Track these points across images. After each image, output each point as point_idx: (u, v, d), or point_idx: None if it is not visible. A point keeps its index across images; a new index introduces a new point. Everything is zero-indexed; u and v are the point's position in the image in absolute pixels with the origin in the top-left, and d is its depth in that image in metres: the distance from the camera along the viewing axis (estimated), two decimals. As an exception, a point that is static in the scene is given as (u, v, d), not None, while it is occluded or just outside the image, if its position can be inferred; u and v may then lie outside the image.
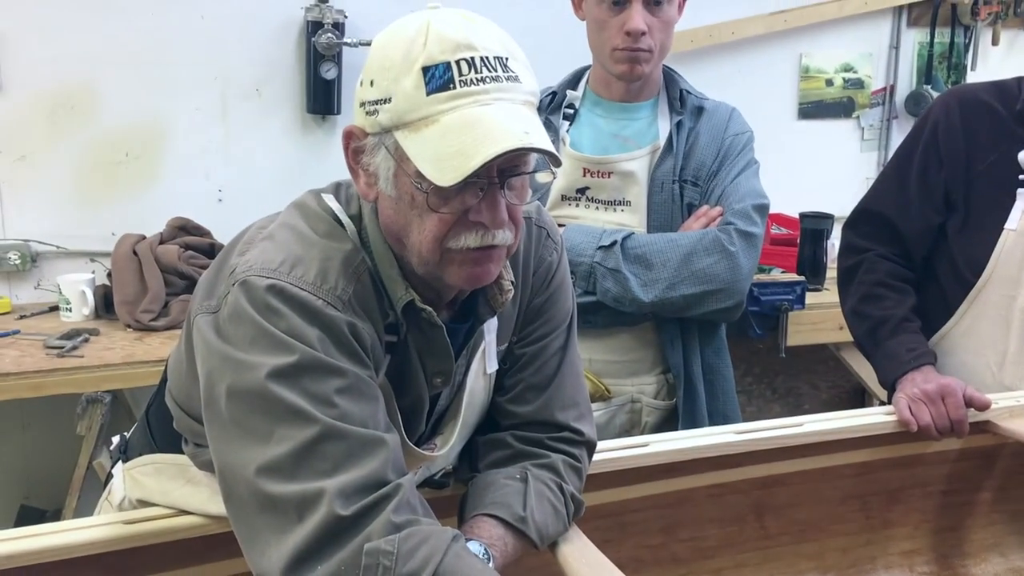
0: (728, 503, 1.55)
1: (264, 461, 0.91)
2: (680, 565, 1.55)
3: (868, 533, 1.63)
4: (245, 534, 0.95)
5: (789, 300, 2.78)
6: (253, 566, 0.94)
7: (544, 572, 1.37)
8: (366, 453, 0.95)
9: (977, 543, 1.67)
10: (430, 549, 0.92)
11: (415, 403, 1.16)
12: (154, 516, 1.18)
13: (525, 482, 1.20)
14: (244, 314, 0.97)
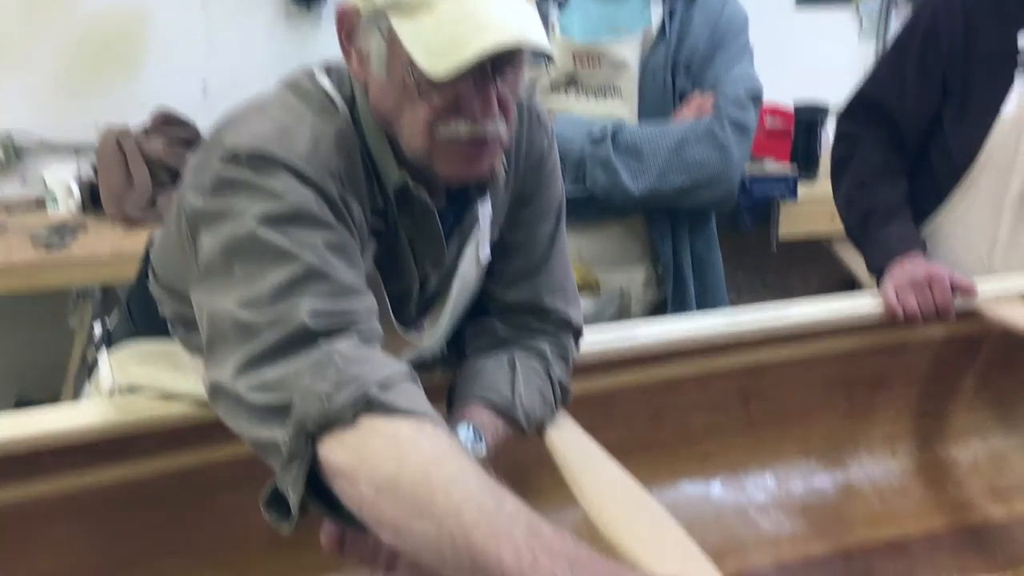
0: (714, 390, 1.57)
1: (245, 296, 0.91)
2: (666, 451, 1.58)
3: (851, 418, 1.66)
4: (213, 360, 0.94)
5: (782, 191, 2.77)
6: (207, 380, 0.93)
7: (532, 456, 1.39)
8: (346, 296, 0.94)
9: (958, 427, 1.70)
10: (385, 366, 0.89)
11: (404, 289, 1.15)
12: (145, 401, 1.19)
13: (513, 368, 1.21)
14: (235, 179, 0.95)
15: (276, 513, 0.88)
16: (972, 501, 1.64)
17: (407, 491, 0.77)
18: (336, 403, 0.84)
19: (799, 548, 1.55)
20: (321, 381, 0.86)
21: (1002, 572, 1.51)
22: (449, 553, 0.73)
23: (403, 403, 0.86)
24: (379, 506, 0.79)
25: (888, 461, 1.68)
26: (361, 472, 0.81)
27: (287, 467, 0.86)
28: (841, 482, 1.65)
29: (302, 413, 0.85)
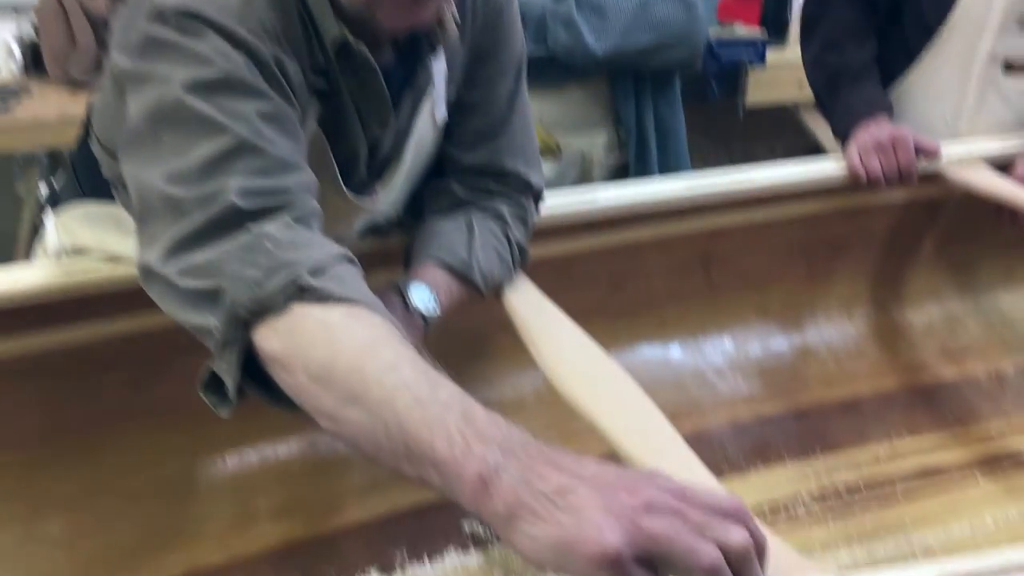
0: (675, 254, 1.57)
1: (174, 170, 0.87)
2: (626, 315, 1.58)
3: (810, 282, 1.67)
4: (143, 238, 0.90)
5: (750, 56, 2.71)
6: (139, 260, 0.89)
7: (491, 320, 1.39)
8: (279, 172, 0.89)
9: (915, 291, 1.72)
10: (318, 251, 0.85)
11: (352, 152, 1.11)
12: (93, 263, 1.16)
13: (471, 229, 1.19)
14: (162, 40, 0.90)
15: (214, 396, 0.86)
16: (925, 362, 1.68)
17: (341, 379, 0.75)
18: (266, 290, 0.81)
19: (754, 408, 1.58)
20: (251, 267, 0.82)
21: (950, 430, 1.55)
22: (384, 441, 0.71)
23: (336, 289, 0.82)
24: (315, 394, 0.77)
25: (844, 324, 1.70)
26: (296, 360, 0.78)
27: (221, 353, 0.83)
28: (798, 345, 1.67)
29: (232, 300, 0.81)
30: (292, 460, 1.36)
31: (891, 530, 1.35)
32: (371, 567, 1.28)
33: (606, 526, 0.60)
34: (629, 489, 0.63)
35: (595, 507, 0.61)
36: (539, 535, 0.62)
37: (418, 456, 0.68)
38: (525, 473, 0.64)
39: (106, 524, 1.23)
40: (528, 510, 0.62)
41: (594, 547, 0.60)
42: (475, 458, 0.65)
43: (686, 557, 0.60)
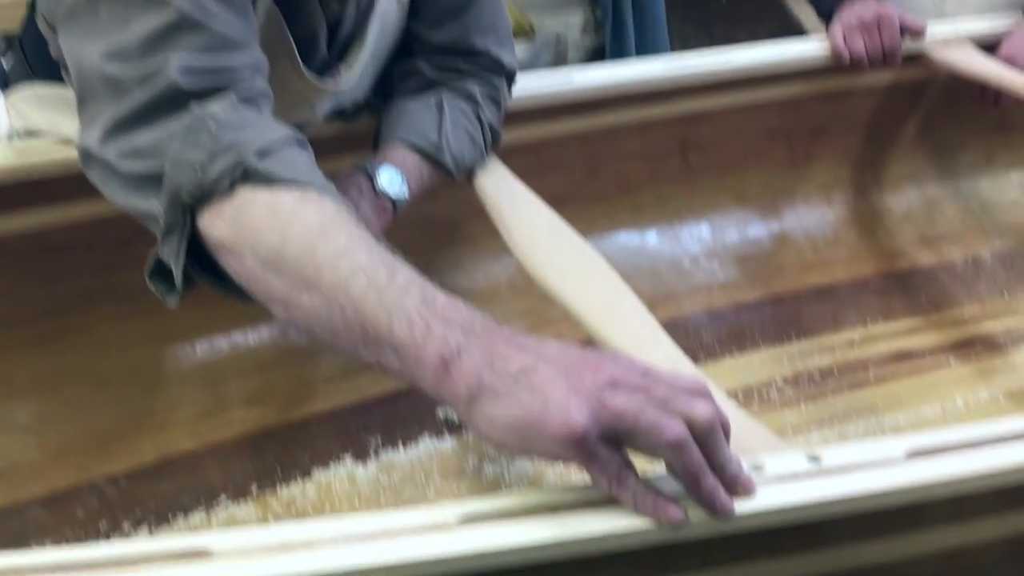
0: (652, 139, 1.53)
1: (112, 47, 0.82)
2: (602, 201, 1.56)
3: (790, 167, 1.64)
4: (83, 119, 0.86)
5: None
6: (79, 143, 0.86)
7: (464, 205, 1.36)
8: (225, 50, 0.84)
9: (895, 175, 1.70)
10: (265, 131, 0.80)
11: (310, 30, 1.06)
12: (47, 145, 1.12)
13: (440, 109, 1.15)
14: None
15: (161, 284, 0.83)
16: (902, 249, 1.67)
17: (292, 265, 0.72)
18: (210, 174, 0.77)
19: (730, 295, 1.57)
20: (194, 149, 0.78)
21: (925, 315, 1.55)
22: (340, 326, 0.69)
23: (284, 172, 0.78)
24: (266, 281, 0.74)
25: (823, 210, 1.68)
26: (244, 246, 0.75)
27: (166, 239, 0.80)
28: (776, 231, 1.65)
29: (175, 184, 0.77)
30: (263, 347, 1.35)
31: (862, 412, 1.36)
32: (345, 453, 1.28)
33: (571, 405, 0.59)
34: (592, 368, 0.62)
35: (559, 386, 0.61)
36: (501, 415, 0.61)
37: (376, 340, 0.67)
38: (487, 354, 0.63)
39: (75, 411, 1.23)
40: (490, 390, 0.61)
41: (559, 427, 0.59)
42: (436, 339, 0.64)
43: (651, 432, 0.60)
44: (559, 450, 0.60)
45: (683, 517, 0.63)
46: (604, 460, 0.61)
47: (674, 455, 0.61)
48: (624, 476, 0.62)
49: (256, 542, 0.62)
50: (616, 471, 0.62)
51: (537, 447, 0.61)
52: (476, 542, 0.61)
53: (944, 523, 0.76)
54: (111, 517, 1.17)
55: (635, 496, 0.62)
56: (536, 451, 0.62)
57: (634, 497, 0.62)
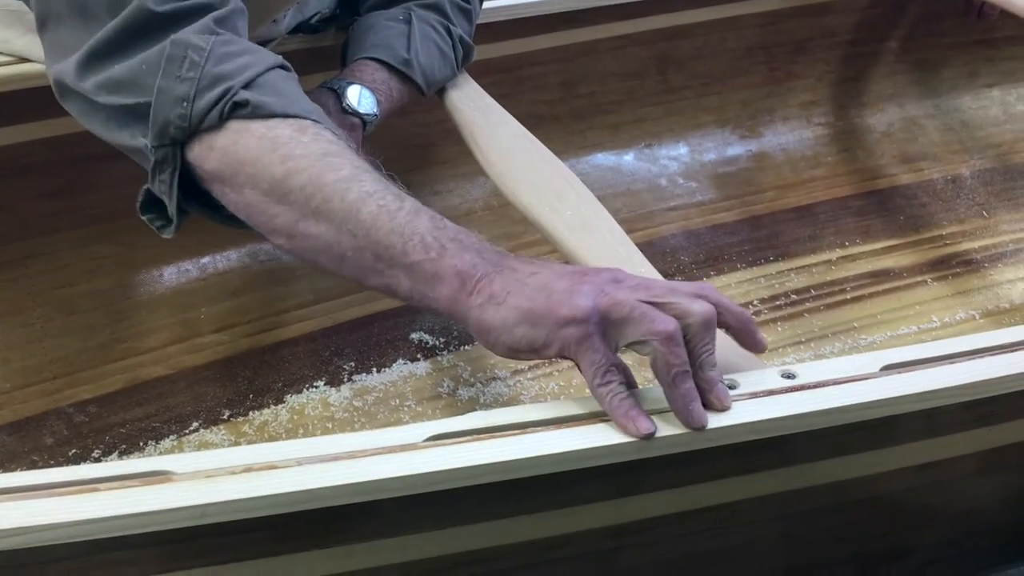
0: (630, 56, 1.50)
1: None
2: (579, 120, 1.53)
3: (770, 85, 1.61)
4: (50, 45, 0.83)
5: None
6: (51, 74, 0.83)
7: (434, 124, 1.33)
8: None
9: (876, 93, 1.67)
10: (250, 60, 0.78)
11: None
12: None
13: (409, 23, 1.11)
14: None
15: (155, 217, 0.82)
16: (882, 168, 1.65)
17: (297, 194, 0.72)
18: (198, 107, 0.75)
19: (708, 216, 1.55)
20: (178, 82, 0.76)
21: (903, 235, 1.54)
22: (349, 253, 0.70)
23: (276, 103, 0.76)
24: (268, 211, 0.74)
25: (803, 130, 1.65)
26: (242, 177, 0.74)
27: (157, 174, 0.78)
28: (755, 151, 1.63)
29: (162, 120, 0.76)
30: (232, 272, 1.32)
31: (839, 332, 1.36)
32: (318, 378, 1.26)
33: (575, 291, 0.63)
34: (596, 272, 0.66)
35: (565, 280, 0.64)
36: (512, 312, 0.64)
37: (388, 264, 0.68)
38: (499, 267, 0.66)
39: (40, 338, 1.20)
40: (503, 294, 0.64)
41: (564, 308, 0.62)
42: (451, 257, 0.66)
43: (642, 321, 0.62)
44: (562, 331, 0.62)
45: (652, 430, 0.62)
46: (597, 350, 0.63)
47: (660, 348, 0.61)
48: (609, 374, 0.63)
49: (218, 464, 0.60)
50: (604, 365, 0.63)
51: (543, 334, 0.63)
52: (442, 461, 0.60)
53: (917, 438, 0.75)
54: (81, 444, 1.15)
55: (613, 397, 0.63)
56: (542, 340, 0.63)
57: (612, 397, 0.63)
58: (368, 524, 0.64)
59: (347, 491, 0.58)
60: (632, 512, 0.71)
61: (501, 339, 0.65)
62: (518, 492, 0.65)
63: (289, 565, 0.64)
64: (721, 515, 0.74)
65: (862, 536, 0.85)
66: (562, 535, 0.70)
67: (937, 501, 0.85)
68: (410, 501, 0.61)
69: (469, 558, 0.69)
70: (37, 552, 0.56)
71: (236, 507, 0.58)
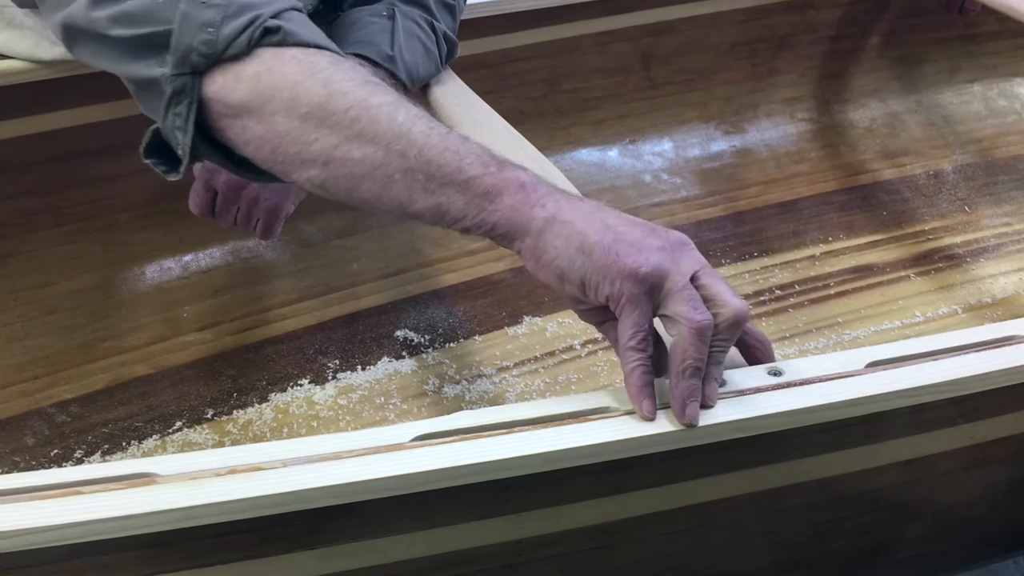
0: (614, 52, 1.50)
1: None
2: (563, 116, 1.52)
3: (753, 81, 1.61)
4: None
5: None
6: (54, 21, 0.81)
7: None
8: None
9: (858, 89, 1.68)
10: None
11: None
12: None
13: (393, 19, 1.10)
14: None
15: (160, 160, 0.79)
16: (864, 164, 1.65)
17: (341, 116, 0.70)
18: (225, 33, 0.73)
19: (692, 212, 1.55)
20: (203, 7, 0.73)
21: (886, 230, 1.55)
22: (398, 175, 0.68)
23: (306, 34, 0.75)
24: (304, 138, 0.71)
25: (786, 125, 1.66)
26: (276, 104, 0.71)
27: (172, 107, 0.75)
28: (738, 147, 1.63)
29: (185, 46, 0.73)
30: (215, 270, 1.31)
31: (822, 327, 1.36)
32: (303, 377, 1.26)
33: (645, 246, 0.62)
34: (666, 233, 0.65)
35: (636, 229, 0.64)
36: (575, 235, 0.63)
37: (440, 181, 0.67)
38: (566, 194, 0.65)
39: (20, 338, 1.19)
40: (568, 216, 0.63)
41: (632, 260, 0.61)
42: (513, 170, 0.66)
43: (687, 304, 0.62)
44: (620, 282, 0.61)
45: (652, 416, 0.63)
46: (644, 313, 0.62)
47: (687, 336, 0.61)
48: (644, 342, 0.63)
49: (202, 465, 0.60)
50: (644, 331, 0.63)
51: (600, 276, 0.62)
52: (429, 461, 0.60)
53: (902, 435, 0.76)
54: (63, 444, 1.14)
55: (637, 366, 0.63)
56: (596, 281, 0.62)
57: (636, 366, 0.63)
58: (353, 525, 0.64)
59: (333, 492, 0.58)
60: (618, 510, 0.71)
61: (556, 262, 0.63)
62: (505, 491, 0.64)
63: (274, 567, 0.64)
64: (707, 512, 0.74)
65: (848, 532, 0.85)
66: (549, 534, 0.70)
67: (922, 497, 0.85)
68: (396, 501, 0.60)
69: (455, 558, 0.69)
70: (20, 556, 0.56)
71: (221, 509, 0.57)
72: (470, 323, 1.34)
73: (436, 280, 1.38)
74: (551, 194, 0.65)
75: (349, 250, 1.38)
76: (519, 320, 1.34)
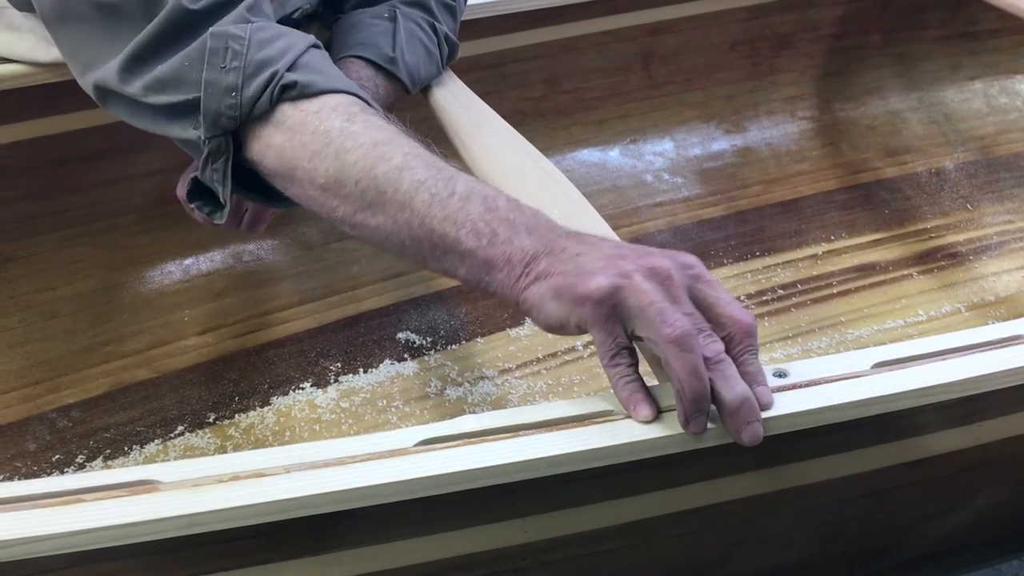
0: (614, 52, 1.49)
1: None
2: (564, 116, 1.52)
3: (754, 80, 1.61)
4: (77, 49, 0.85)
5: None
6: (86, 81, 0.85)
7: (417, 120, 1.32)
8: None
9: (859, 87, 1.67)
10: (288, 43, 0.81)
11: None
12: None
13: (394, 21, 1.10)
14: None
15: (204, 202, 0.86)
16: (866, 162, 1.65)
17: (353, 188, 0.74)
18: (248, 95, 0.77)
19: (694, 211, 1.55)
20: (223, 72, 0.78)
21: (888, 229, 1.54)
22: (408, 241, 0.72)
23: (320, 80, 0.79)
24: (329, 204, 0.76)
25: (787, 124, 1.65)
26: (300, 173, 0.77)
27: (210, 164, 0.80)
28: (739, 146, 1.62)
29: (213, 112, 0.78)
30: (216, 273, 1.31)
31: (825, 326, 1.36)
32: (305, 380, 1.25)
33: (600, 271, 0.63)
34: (641, 255, 0.65)
35: (598, 260, 0.64)
36: (549, 287, 0.65)
37: (444, 251, 0.70)
38: (548, 246, 0.67)
39: (21, 342, 1.19)
40: (549, 271, 0.66)
41: (584, 287, 0.63)
42: (502, 244, 0.68)
43: (655, 320, 0.61)
44: (578, 309, 0.63)
45: (651, 416, 0.63)
46: (610, 331, 0.63)
47: (666, 353, 0.61)
48: (618, 357, 0.64)
49: (205, 472, 0.59)
50: (615, 347, 0.64)
51: (565, 310, 0.64)
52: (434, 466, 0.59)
53: (908, 435, 0.75)
54: (64, 449, 1.14)
55: (619, 379, 0.64)
56: (564, 316, 0.64)
57: (618, 380, 0.64)
58: (358, 530, 0.63)
59: (337, 498, 0.58)
60: (624, 514, 0.71)
61: (538, 315, 0.66)
62: (510, 496, 0.64)
63: (278, 574, 0.63)
64: (713, 515, 0.74)
65: (853, 533, 0.85)
66: (554, 538, 0.70)
67: (928, 497, 0.85)
68: (400, 506, 0.60)
69: (460, 563, 0.69)
70: (22, 565, 0.55)
71: (224, 516, 0.57)
72: (472, 325, 1.34)
73: (437, 282, 1.38)
74: (536, 258, 0.66)
75: (350, 252, 1.37)
76: (521, 321, 1.33)
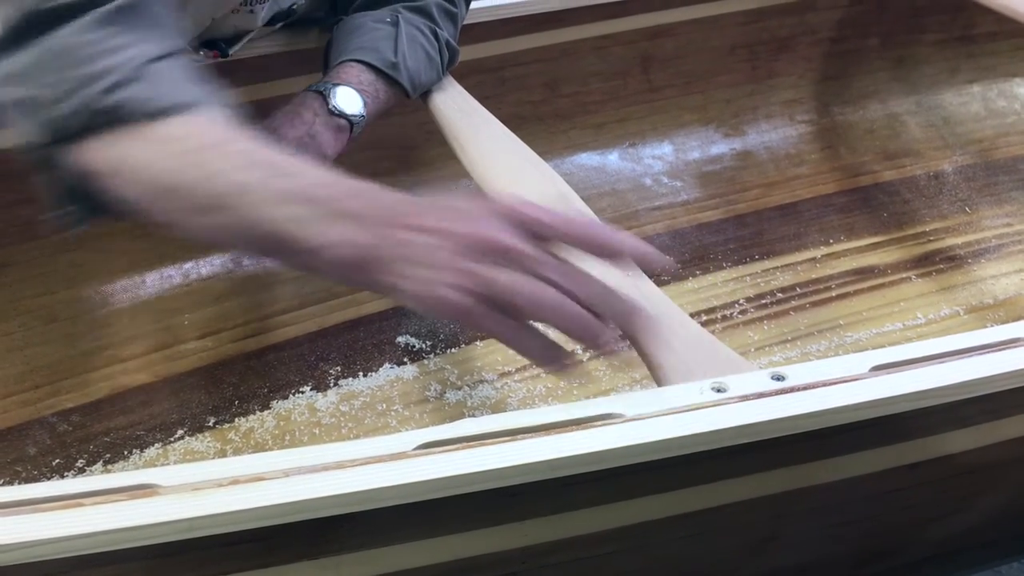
0: (613, 56, 1.50)
1: None
2: (562, 120, 1.52)
3: (753, 84, 1.61)
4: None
5: None
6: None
7: (420, 129, 1.32)
8: None
9: (858, 91, 1.68)
10: (127, 58, 0.72)
11: None
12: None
13: (396, 25, 1.10)
14: None
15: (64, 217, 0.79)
16: (865, 165, 1.65)
17: (184, 196, 0.69)
18: (57, 113, 0.71)
19: (693, 215, 1.55)
20: (54, 84, 0.71)
21: (887, 232, 1.55)
22: (241, 243, 0.72)
23: (139, 105, 0.71)
24: (160, 211, 0.71)
25: (786, 127, 1.66)
26: (130, 183, 0.71)
27: (41, 176, 0.75)
28: (738, 149, 1.63)
29: (36, 123, 0.72)
30: (216, 277, 1.31)
31: (824, 330, 1.36)
32: (305, 384, 1.25)
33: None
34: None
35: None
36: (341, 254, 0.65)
37: (269, 250, 0.69)
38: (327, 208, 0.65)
39: (20, 347, 1.18)
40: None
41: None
42: (318, 235, 0.65)
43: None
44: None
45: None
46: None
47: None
48: None
49: (205, 476, 0.59)
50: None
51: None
52: (434, 470, 0.59)
53: (907, 438, 0.75)
54: (64, 453, 1.14)
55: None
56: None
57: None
58: (358, 534, 0.63)
59: (337, 502, 0.58)
60: (624, 516, 0.71)
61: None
62: (510, 499, 0.64)
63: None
64: (714, 518, 0.74)
65: (853, 536, 0.85)
66: (554, 541, 0.70)
67: (928, 500, 0.85)
68: (400, 510, 0.60)
69: (460, 566, 0.68)
70: (23, 569, 0.55)
71: (224, 520, 0.57)
72: (471, 329, 1.34)
73: (437, 285, 1.38)
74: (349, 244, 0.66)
75: (350, 256, 1.37)
76: (520, 325, 1.33)
